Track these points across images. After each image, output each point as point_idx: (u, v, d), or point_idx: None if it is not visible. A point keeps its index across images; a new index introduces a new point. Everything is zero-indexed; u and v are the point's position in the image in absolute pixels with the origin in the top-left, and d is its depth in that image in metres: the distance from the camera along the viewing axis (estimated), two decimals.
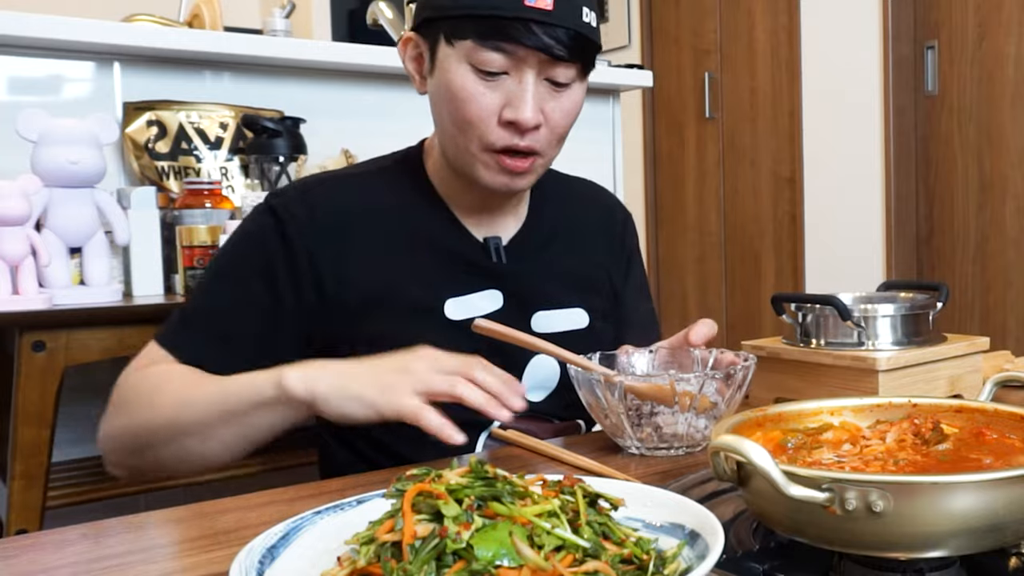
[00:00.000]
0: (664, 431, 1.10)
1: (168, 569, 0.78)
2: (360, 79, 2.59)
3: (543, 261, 1.36)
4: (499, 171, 1.21)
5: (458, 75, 1.17)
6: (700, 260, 5.25)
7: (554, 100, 1.20)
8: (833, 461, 0.78)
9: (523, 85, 1.16)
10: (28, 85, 2.18)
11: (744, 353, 1.19)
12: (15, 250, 1.74)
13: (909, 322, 1.30)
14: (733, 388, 1.11)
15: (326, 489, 1.00)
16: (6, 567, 0.80)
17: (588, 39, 1.18)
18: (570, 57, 1.16)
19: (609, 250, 1.47)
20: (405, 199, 1.30)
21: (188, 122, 2.33)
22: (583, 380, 1.11)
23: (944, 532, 0.65)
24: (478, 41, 1.14)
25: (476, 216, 1.32)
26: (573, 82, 1.21)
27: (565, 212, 1.42)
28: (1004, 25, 3.82)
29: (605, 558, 0.59)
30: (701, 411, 1.09)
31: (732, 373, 1.10)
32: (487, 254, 1.31)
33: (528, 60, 1.15)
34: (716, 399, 1.10)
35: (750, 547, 0.76)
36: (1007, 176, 3.86)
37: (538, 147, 1.20)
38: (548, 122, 1.20)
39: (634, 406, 1.09)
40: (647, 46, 5.44)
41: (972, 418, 0.86)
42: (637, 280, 1.52)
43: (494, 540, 0.57)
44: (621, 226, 1.51)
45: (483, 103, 1.17)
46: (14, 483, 1.71)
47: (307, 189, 1.29)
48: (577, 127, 1.27)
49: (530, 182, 1.26)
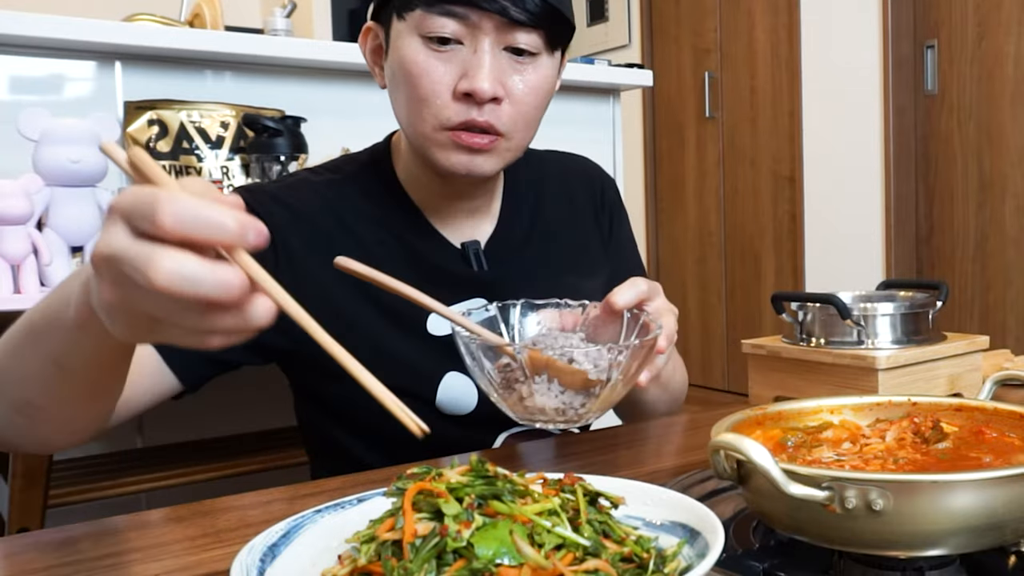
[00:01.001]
0: (527, 403, 0.96)
1: (169, 567, 0.78)
2: (361, 79, 2.59)
3: (525, 259, 1.29)
4: (455, 149, 1.11)
5: (410, 49, 1.09)
6: (700, 259, 5.25)
7: (517, 73, 1.10)
8: (833, 460, 0.79)
9: (479, 54, 1.07)
10: (29, 84, 2.18)
11: (657, 324, 1.00)
12: (17, 249, 1.74)
13: (909, 321, 1.31)
14: (628, 362, 0.95)
15: (326, 488, 1.00)
16: (7, 565, 0.80)
17: (553, 7, 1.09)
18: (531, 22, 1.07)
19: (595, 218, 1.39)
20: (379, 208, 1.22)
21: (189, 121, 2.33)
22: (458, 338, 0.98)
23: (944, 530, 0.65)
24: (426, 8, 1.07)
25: (451, 220, 1.24)
26: (540, 54, 1.11)
27: (541, 198, 1.34)
28: (1004, 24, 3.82)
29: (605, 556, 0.60)
30: (569, 386, 0.95)
31: (621, 349, 0.94)
32: (467, 261, 1.24)
33: (483, 26, 1.07)
34: (599, 375, 0.94)
35: (750, 545, 0.77)
36: (1007, 175, 3.87)
37: (500, 126, 1.10)
38: (511, 97, 1.10)
39: (504, 369, 0.96)
40: (647, 45, 5.44)
41: (972, 417, 0.86)
42: (622, 237, 1.43)
43: (494, 539, 0.57)
44: (600, 191, 1.42)
45: (435, 76, 1.08)
46: (15, 481, 1.71)
47: (279, 192, 1.20)
48: (577, 126, 1.24)
49: (494, 166, 1.14)
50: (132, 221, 0.58)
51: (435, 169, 1.15)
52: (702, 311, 5.19)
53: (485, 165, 1.13)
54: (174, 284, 0.56)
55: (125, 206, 0.59)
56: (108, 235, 0.59)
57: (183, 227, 0.56)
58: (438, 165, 1.13)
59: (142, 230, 0.58)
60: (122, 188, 2.08)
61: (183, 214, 0.56)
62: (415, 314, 1.16)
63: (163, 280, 0.56)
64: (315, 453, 1.34)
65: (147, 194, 0.58)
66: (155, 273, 0.56)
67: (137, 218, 0.58)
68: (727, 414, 0.85)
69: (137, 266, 0.57)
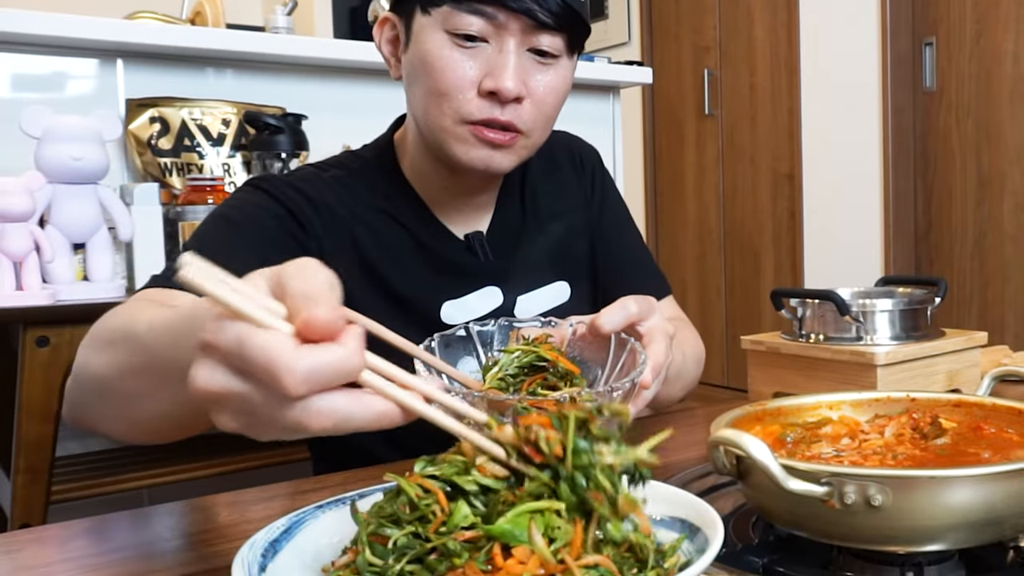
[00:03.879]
0: None
1: (170, 563, 0.78)
2: (362, 76, 2.60)
3: (524, 244, 1.30)
4: (476, 144, 1.11)
5: (434, 44, 1.09)
6: (700, 256, 5.25)
7: (540, 73, 1.12)
8: (832, 455, 0.79)
9: (504, 53, 1.08)
10: (32, 82, 2.18)
11: (642, 357, 0.92)
12: (19, 246, 1.74)
13: (907, 317, 1.31)
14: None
15: (327, 483, 1.00)
16: (10, 561, 0.81)
17: (575, 11, 1.10)
18: (555, 24, 1.09)
19: (583, 194, 1.39)
20: (385, 203, 1.23)
21: (191, 119, 2.34)
22: None
23: (942, 526, 0.66)
24: (455, 5, 1.07)
25: (455, 213, 1.26)
26: (561, 56, 1.13)
27: (531, 179, 1.35)
28: (1002, 21, 3.82)
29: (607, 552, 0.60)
30: None
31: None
32: (472, 252, 1.26)
33: (509, 27, 1.08)
34: None
35: (749, 541, 0.77)
36: (1005, 172, 3.87)
37: (521, 124, 1.12)
38: (532, 96, 1.12)
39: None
40: (647, 43, 5.44)
41: (970, 412, 0.86)
42: (614, 215, 1.43)
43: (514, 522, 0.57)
44: (588, 166, 1.41)
45: (460, 71, 1.09)
46: (18, 478, 1.72)
47: (293, 182, 1.19)
48: (577, 124, 1.25)
49: (512, 162, 1.16)
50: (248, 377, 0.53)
51: (451, 163, 1.15)
52: (702, 308, 5.19)
53: (503, 161, 1.14)
54: (331, 430, 0.54)
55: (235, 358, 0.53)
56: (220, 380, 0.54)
57: (313, 387, 0.52)
58: (456, 159, 1.14)
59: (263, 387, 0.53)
60: (124, 185, 2.08)
61: (312, 377, 0.52)
62: (427, 303, 1.18)
63: (319, 429, 0.54)
64: (318, 445, 1.34)
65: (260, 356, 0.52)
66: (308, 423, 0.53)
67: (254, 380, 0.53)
68: (726, 410, 0.85)
69: (278, 417, 0.54)
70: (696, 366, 1.33)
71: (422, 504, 0.59)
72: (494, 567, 0.56)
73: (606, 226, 1.40)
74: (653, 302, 0.99)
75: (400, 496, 0.60)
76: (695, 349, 1.33)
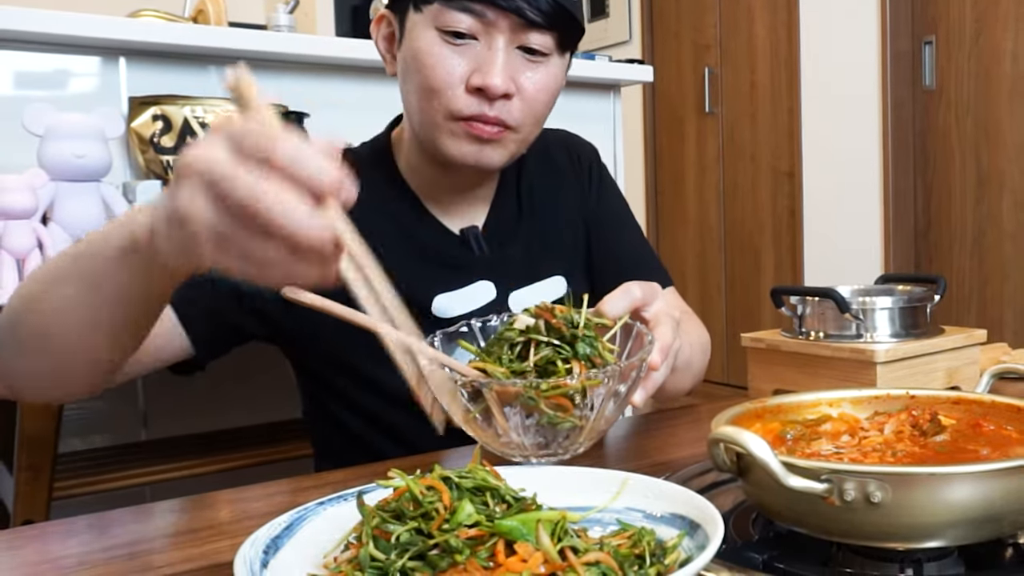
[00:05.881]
0: (503, 438, 0.88)
1: (172, 559, 0.78)
2: (364, 74, 2.59)
3: (520, 239, 1.31)
4: (466, 139, 1.13)
5: (425, 40, 1.11)
6: (700, 254, 5.26)
7: (530, 71, 1.13)
8: (832, 452, 0.79)
9: (493, 51, 1.10)
10: (34, 80, 2.18)
11: (649, 337, 0.92)
12: (22, 243, 1.75)
13: (907, 315, 1.31)
14: (616, 385, 0.87)
15: (328, 480, 1.00)
16: (13, 557, 0.81)
17: (566, 10, 1.12)
18: (545, 23, 1.10)
19: (581, 190, 1.40)
20: (381, 199, 1.24)
21: (193, 117, 2.34)
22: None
23: (942, 523, 0.66)
24: (445, 3, 1.09)
25: (450, 208, 1.27)
26: (551, 54, 1.14)
27: (528, 175, 1.35)
28: (1001, 20, 3.82)
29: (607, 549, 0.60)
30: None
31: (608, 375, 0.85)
32: (467, 246, 1.26)
33: (498, 24, 1.10)
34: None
35: (749, 537, 0.77)
36: (1004, 170, 3.87)
37: (510, 120, 1.13)
38: (522, 93, 1.13)
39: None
40: (647, 41, 5.44)
41: (969, 409, 0.86)
42: (612, 210, 1.43)
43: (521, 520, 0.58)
44: (585, 162, 1.42)
45: (449, 67, 1.11)
46: (20, 474, 1.72)
47: None
48: (578, 122, 1.25)
49: (502, 157, 1.17)
50: (242, 146, 0.60)
51: (442, 158, 1.17)
52: (702, 305, 5.19)
53: (494, 156, 1.16)
54: (274, 215, 0.58)
55: (237, 130, 0.61)
56: (209, 149, 0.60)
57: (293, 165, 0.59)
58: (447, 154, 1.15)
59: (249, 156, 0.59)
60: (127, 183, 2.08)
61: (297, 154, 0.59)
62: (419, 296, 1.18)
63: (263, 206, 0.58)
64: (320, 441, 1.34)
65: (266, 126, 0.60)
66: (261, 197, 0.58)
67: (250, 145, 0.59)
68: (727, 407, 0.85)
69: (239, 185, 0.59)
70: (703, 356, 1.33)
71: (426, 501, 0.59)
72: (496, 564, 0.57)
73: (603, 221, 1.41)
74: (656, 287, 0.99)
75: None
76: (701, 339, 1.34)
